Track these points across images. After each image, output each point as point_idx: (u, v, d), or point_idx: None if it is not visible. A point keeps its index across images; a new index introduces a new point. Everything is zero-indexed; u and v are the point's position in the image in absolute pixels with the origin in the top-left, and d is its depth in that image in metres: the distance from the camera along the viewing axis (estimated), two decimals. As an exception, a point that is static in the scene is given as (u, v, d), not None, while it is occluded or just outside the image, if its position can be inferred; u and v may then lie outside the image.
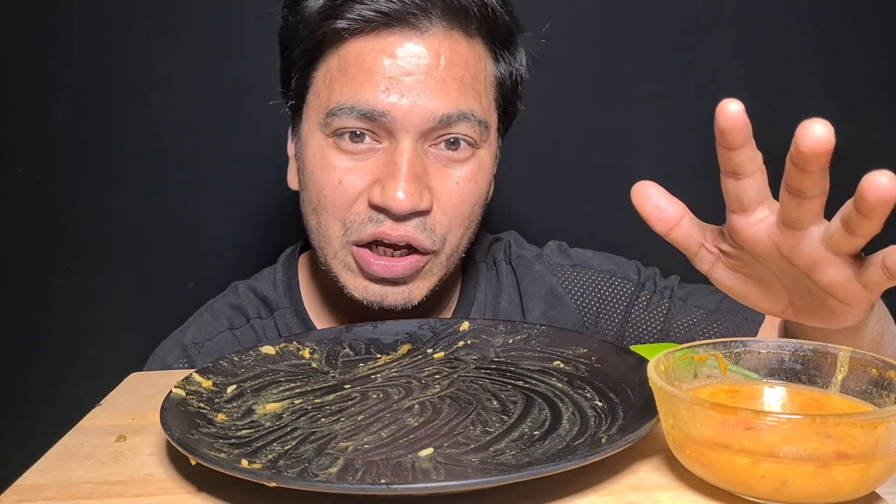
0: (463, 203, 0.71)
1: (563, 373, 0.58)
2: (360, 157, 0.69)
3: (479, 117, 0.70)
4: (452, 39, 0.68)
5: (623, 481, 0.44)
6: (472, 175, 0.71)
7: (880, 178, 0.38)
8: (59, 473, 0.47)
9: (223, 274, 1.00)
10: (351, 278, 0.72)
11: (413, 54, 0.67)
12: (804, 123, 0.39)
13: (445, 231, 0.71)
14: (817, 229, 0.44)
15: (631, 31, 1.08)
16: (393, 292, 0.71)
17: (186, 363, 0.78)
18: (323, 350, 0.63)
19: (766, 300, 0.51)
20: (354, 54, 0.68)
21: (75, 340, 1.10)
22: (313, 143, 0.71)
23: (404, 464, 0.44)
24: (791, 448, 0.38)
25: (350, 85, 0.67)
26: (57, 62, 1.05)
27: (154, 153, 1.07)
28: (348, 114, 0.67)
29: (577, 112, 1.09)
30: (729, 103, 0.42)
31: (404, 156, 0.67)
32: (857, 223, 0.41)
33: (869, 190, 0.39)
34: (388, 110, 0.67)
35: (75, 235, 1.08)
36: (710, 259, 0.50)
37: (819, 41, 1.09)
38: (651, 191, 0.48)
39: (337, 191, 0.69)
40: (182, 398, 0.52)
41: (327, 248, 0.72)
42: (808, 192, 0.42)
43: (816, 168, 0.40)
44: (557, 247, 0.88)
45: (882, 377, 0.44)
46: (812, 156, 0.40)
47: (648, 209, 0.48)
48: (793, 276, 0.48)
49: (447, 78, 0.68)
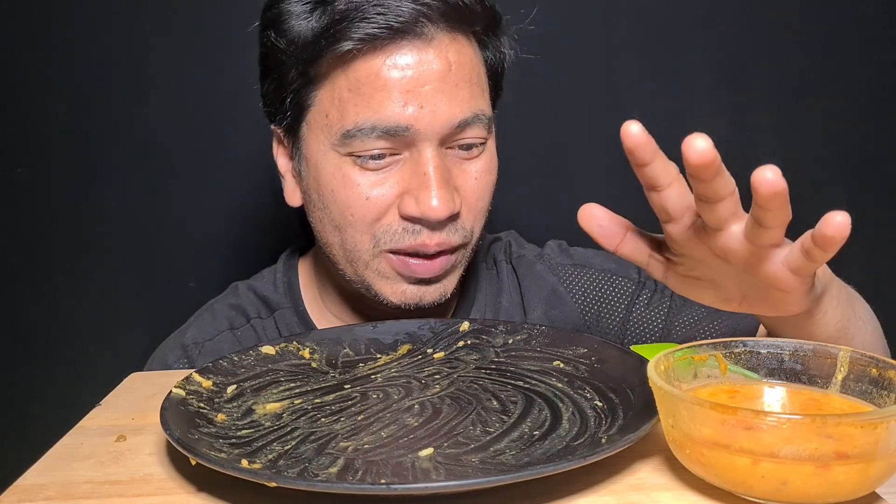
0: (484, 196, 0.72)
1: (563, 373, 0.58)
2: (383, 172, 0.69)
3: (487, 115, 0.71)
4: (457, 42, 0.69)
5: (623, 481, 0.44)
6: (486, 167, 0.72)
7: (766, 174, 0.42)
8: (59, 473, 0.47)
9: (223, 274, 1.00)
10: (387, 285, 0.71)
11: (425, 63, 0.66)
12: (687, 139, 0.42)
13: (472, 225, 0.72)
14: (739, 227, 0.46)
15: (631, 31, 1.08)
16: (430, 291, 0.71)
17: (187, 363, 0.78)
18: (323, 350, 0.63)
19: (719, 299, 0.53)
20: (366, 73, 0.66)
21: (75, 340, 1.10)
22: (328, 164, 0.69)
23: (404, 464, 0.44)
24: (791, 448, 0.38)
25: (368, 104, 0.66)
26: (57, 62, 1.05)
27: (154, 153, 1.07)
28: (369, 133, 0.66)
29: (577, 112, 1.09)
30: (630, 125, 0.45)
31: (430, 164, 0.67)
32: (762, 216, 0.44)
33: (759, 185, 0.42)
34: (411, 123, 0.66)
35: (75, 235, 1.08)
36: (660, 267, 0.53)
37: (818, 42, 1.09)
38: (595, 212, 0.51)
39: (365, 207, 0.68)
40: (182, 398, 0.52)
41: (357, 262, 0.71)
42: (712, 196, 0.45)
43: (709, 176, 0.43)
44: (558, 246, 0.88)
45: (882, 377, 0.44)
46: (700, 167, 0.43)
47: (593, 229, 0.51)
48: (735, 273, 0.50)
49: (459, 82, 0.68)
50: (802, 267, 0.46)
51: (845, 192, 1.11)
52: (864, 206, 1.11)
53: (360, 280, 0.72)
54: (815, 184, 1.09)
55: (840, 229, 0.42)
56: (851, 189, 1.11)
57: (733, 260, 0.48)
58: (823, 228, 0.42)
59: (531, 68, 1.05)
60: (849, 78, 1.09)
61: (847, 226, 0.42)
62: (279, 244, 0.88)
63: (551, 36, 1.07)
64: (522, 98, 1.06)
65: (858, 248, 1.16)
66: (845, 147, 1.11)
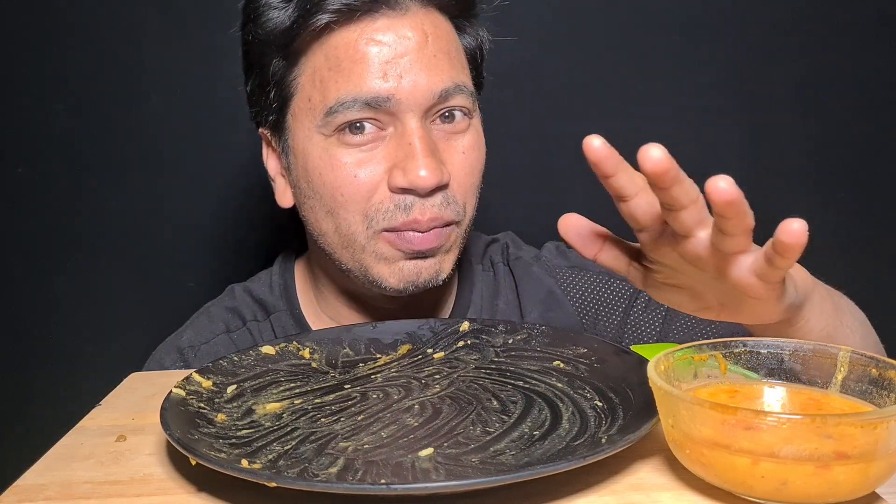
0: (473, 171, 0.72)
1: (563, 373, 0.58)
2: (368, 148, 0.69)
3: (470, 88, 0.71)
4: (432, 15, 0.70)
5: (623, 481, 0.44)
6: (474, 143, 0.72)
7: (718, 184, 0.42)
8: (59, 473, 0.47)
9: (223, 274, 1.00)
10: (384, 267, 0.71)
11: (402, 35, 0.68)
12: (642, 148, 0.43)
13: (464, 201, 0.72)
14: (706, 233, 0.46)
15: (630, 31, 1.08)
16: (425, 267, 0.71)
17: (183, 366, 0.78)
18: (323, 350, 0.63)
19: (697, 306, 0.53)
20: (344, 47, 0.68)
21: (75, 340, 1.10)
22: (314, 148, 0.70)
23: (404, 464, 0.44)
24: (791, 448, 0.38)
25: (348, 78, 0.67)
26: (57, 62, 1.05)
27: (154, 154, 1.07)
28: (351, 106, 0.67)
29: (576, 113, 1.09)
30: (592, 139, 0.46)
31: (416, 134, 0.68)
32: (722, 224, 0.44)
33: (712, 194, 0.42)
34: (392, 94, 0.67)
35: (75, 235, 1.08)
36: (639, 276, 0.53)
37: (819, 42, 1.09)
38: (573, 221, 0.52)
39: (354, 185, 0.69)
40: (182, 398, 0.52)
41: (353, 246, 0.71)
42: (674, 204, 0.45)
43: (667, 184, 0.43)
44: (555, 248, 0.88)
45: (882, 377, 0.44)
46: (655, 175, 0.43)
47: (572, 238, 0.52)
48: (709, 280, 0.50)
49: (437, 53, 0.69)
50: (767, 273, 0.46)
51: (846, 192, 1.11)
52: (864, 206, 1.11)
53: (357, 266, 0.72)
54: (815, 183, 1.09)
55: (796, 236, 0.42)
56: (852, 189, 1.11)
57: (703, 267, 0.48)
58: (780, 236, 0.42)
59: (530, 68, 1.06)
60: (849, 78, 1.09)
61: (804, 233, 0.42)
62: (279, 245, 0.88)
63: (550, 36, 1.07)
64: (521, 99, 1.07)
65: (859, 248, 1.16)
66: (846, 147, 1.11)
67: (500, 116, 0.82)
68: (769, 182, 1.07)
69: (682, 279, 0.51)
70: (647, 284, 0.53)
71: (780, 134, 1.10)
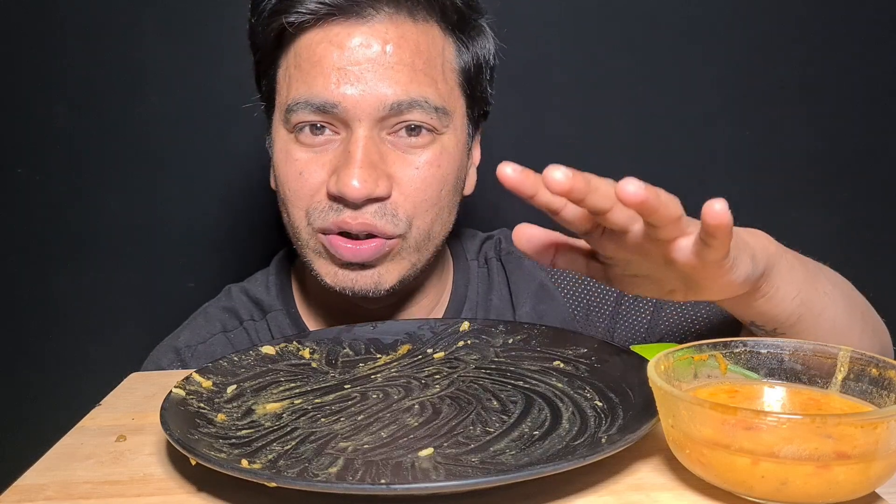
0: (426, 188, 0.71)
1: (563, 373, 0.58)
2: (319, 150, 0.70)
3: (433, 104, 0.69)
4: (399, 25, 0.69)
5: (623, 481, 0.44)
6: (433, 160, 0.71)
7: (628, 187, 0.42)
8: (59, 473, 0.47)
9: (223, 274, 1.00)
10: (323, 265, 0.72)
11: (359, 44, 0.68)
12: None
13: (410, 216, 0.71)
14: (639, 225, 0.47)
15: (629, 31, 1.08)
16: (362, 276, 0.71)
17: (180, 366, 0.78)
18: (323, 350, 0.63)
19: (663, 291, 0.53)
20: (305, 49, 0.69)
21: (75, 340, 1.10)
22: (279, 140, 0.72)
23: (404, 464, 0.44)
24: (791, 448, 0.38)
25: (304, 79, 0.69)
26: (57, 62, 1.05)
27: (154, 153, 1.07)
28: (304, 108, 0.69)
29: (573, 111, 1.09)
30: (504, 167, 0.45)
31: (358, 143, 0.68)
32: (647, 218, 0.45)
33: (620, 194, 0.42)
34: (339, 101, 0.67)
35: (75, 235, 1.08)
36: (600, 271, 0.54)
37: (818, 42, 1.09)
38: (526, 231, 0.52)
39: (298, 182, 0.70)
40: (182, 398, 0.52)
41: (298, 239, 0.73)
42: (597, 210, 0.45)
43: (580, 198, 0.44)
44: None
45: (882, 377, 0.44)
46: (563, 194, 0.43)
47: (526, 250, 0.52)
48: (661, 267, 0.50)
49: (396, 64, 0.68)
50: (706, 253, 0.46)
51: (845, 191, 1.11)
52: (863, 206, 1.11)
53: (305, 261, 0.74)
54: (814, 183, 1.09)
55: (719, 216, 0.42)
56: (851, 189, 1.11)
57: (649, 256, 0.49)
58: (705, 218, 0.43)
59: (526, 67, 1.06)
60: (848, 78, 1.09)
61: (725, 212, 0.42)
62: (279, 245, 0.88)
63: (549, 35, 1.07)
64: (519, 97, 1.06)
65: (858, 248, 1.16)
66: (845, 147, 1.11)
67: (498, 116, 0.82)
68: (770, 182, 1.08)
69: (638, 269, 0.52)
70: (609, 278, 0.54)
71: (781, 134, 1.10)
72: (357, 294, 0.71)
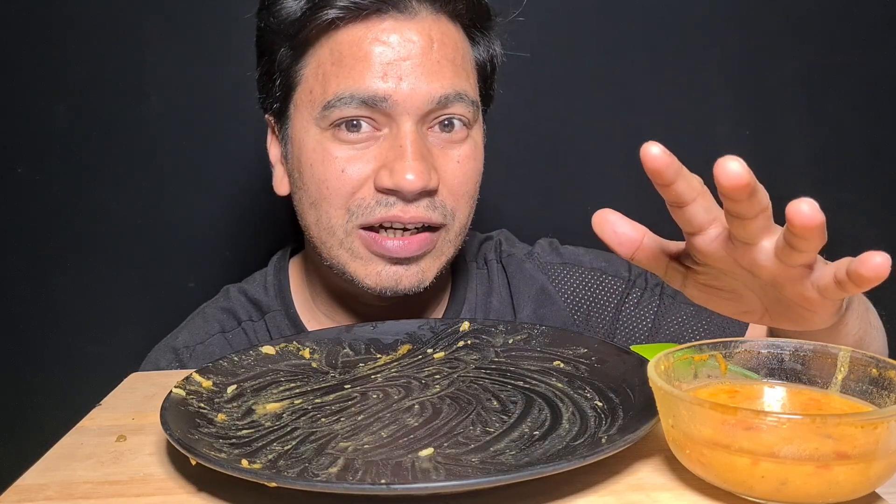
0: (467, 181, 0.72)
1: (563, 373, 0.58)
2: (361, 147, 0.69)
3: (471, 98, 0.71)
4: (441, 22, 0.70)
5: (623, 481, 0.44)
6: (471, 153, 0.72)
7: (802, 207, 0.40)
8: (59, 473, 0.47)
9: (222, 274, 1.00)
10: (361, 266, 0.71)
11: (407, 39, 0.68)
12: (719, 162, 0.40)
13: (453, 209, 0.72)
14: (770, 243, 0.45)
15: (627, 30, 1.08)
16: (407, 274, 0.71)
17: (178, 366, 0.78)
18: (323, 350, 0.63)
19: (741, 310, 0.51)
20: (349, 44, 0.68)
21: (75, 340, 1.10)
22: (310, 139, 0.71)
23: (404, 464, 0.44)
24: (791, 448, 0.38)
25: (348, 74, 0.68)
26: (57, 62, 1.05)
27: (154, 153, 1.07)
28: (348, 102, 0.68)
29: (571, 110, 1.09)
30: (651, 147, 0.43)
31: (408, 137, 0.68)
32: (795, 242, 0.42)
33: (793, 218, 0.40)
34: (389, 95, 0.67)
35: (75, 235, 1.08)
36: (679, 276, 0.51)
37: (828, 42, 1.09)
38: (611, 217, 0.48)
39: (340, 180, 0.69)
40: (182, 398, 0.52)
41: (331, 240, 0.71)
42: (744, 214, 0.43)
43: (743, 197, 0.41)
44: (548, 244, 0.88)
45: (882, 377, 0.44)
46: (733, 190, 0.41)
47: (608, 235, 0.48)
48: (760, 286, 0.49)
49: (441, 60, 0.69)
50: (833, 293, 0.44)
51: (852, 193, 1.11)
52: (869, 206, 1.11)
53: (335, 262, 0.72)
54: (819, 184, 1.09)
55: (878, 270, 0.40)
56: (859, 190, 1.11)
57: (761, 274, 0.46)
58: (860, 268, 0.41)
59: (528, 67, 1.05)
60: (849, 78, 1.09)
61: (886, 267, 0.40)
62: (279, 245, 0.88)
63: (548, 34, 1.07)
64: (518, 97, 1.06)
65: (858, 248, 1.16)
66: (854, 147, 1.11)
67: (497, 116, 0.82)
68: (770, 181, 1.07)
69: (728, 283, 0.49)
70: (686, 285, 0.51)
71: (781, 133, 1.10)
72: (400, 292, 0.71)
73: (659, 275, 0.51)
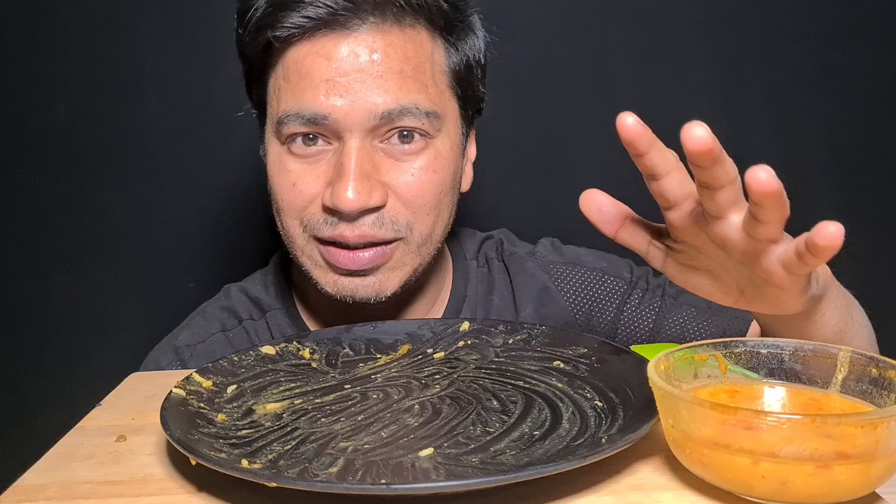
0: (424, 193, 0.71)
1: (563, 373, 0.58)
2: (312, 161, 0.70)
3: (424, 109, 0.69)
4: (385, 33, 0.68)
5: (623, 481, 0.44)
6: (428, 165, 0.71)
7: (759, 174, 0.42)
8: (59, 473, 0.47)
9: (222, 274, 1.00)
10: (321, 273, 0.72)
11: (347, 54, 0.67)
12: (685, 127, 0.42)
13: (409, 221, 0.71)
14: (739, 217, 0.46)
15: (625, 30, 1.08)
16: (363, 285, 0.71)
17: (179, 366, 0.78)
18: (323, 350, 0.63)
19: (717, 290, 0.53)
20: (294, 61, 0.69)
21: (75, 340, 1.10)
22: (272, 151, 0.72)
23: (404, 464, 0.44)
24: (791, 448, 0.38)
25: (293, 92, 0.69)
26: (57, 62, 1.05)
27: (153, 154, 1.07)
28: (294, 120, 0.69)
29: (570, 109, 1.09)
30: (625, 116, 0.46)
31: (351, 155, 0.68)
32: (757, 212, 0.44)
33: (752, 184, 0.42)
34: (329, 112, 0.67)
35: (75, 235, 1.08)
36: (660, 255, 0.53)
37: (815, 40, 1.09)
38: (597, 197, 0.51)
39: (292, 193, 0.70)
40: (182, 398, 0.52)
41: (294, 248, 0.73)
42: (712, 183, 0.45)
43: (709, 163, 0.43)
44: (550, 244, 0.88)
45: (882, 377, 0.44)
46: (698, 155, 0.43)
47: (593, 214, 0.51)
48: (733, 265, 0.50)
49: (385, 73, 0.68)
50: (795, 267, 0.46)
51: (842, 191, 1.11)
52: (862, 206, 1.11)
53: (303, 268, 0.73)
54: (811, 182, 1.09)
55: (832, 239, 0.42)
56: (849, 188, 1.11)
57: (731, 250, 0.48)
58: (815, 237, 0.42)
59: (524, 66, 1.06)
60: (846, 77, 1.09)
61: (839, 237, 0.42)
62: (278, 245, 0.88)
63: (546, 33, 1.07)
64: (515, 96, 1.06)
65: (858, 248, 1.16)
66: (843, 146, 1.11)
67: (496, 113, 0.82)
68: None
69: (705, 261, 0.51)
70: (666, 265, 0.53)
71: (780, 133, 1.10)
72: (358, 301, 0.72)
73: (641, 254, 0.53)
